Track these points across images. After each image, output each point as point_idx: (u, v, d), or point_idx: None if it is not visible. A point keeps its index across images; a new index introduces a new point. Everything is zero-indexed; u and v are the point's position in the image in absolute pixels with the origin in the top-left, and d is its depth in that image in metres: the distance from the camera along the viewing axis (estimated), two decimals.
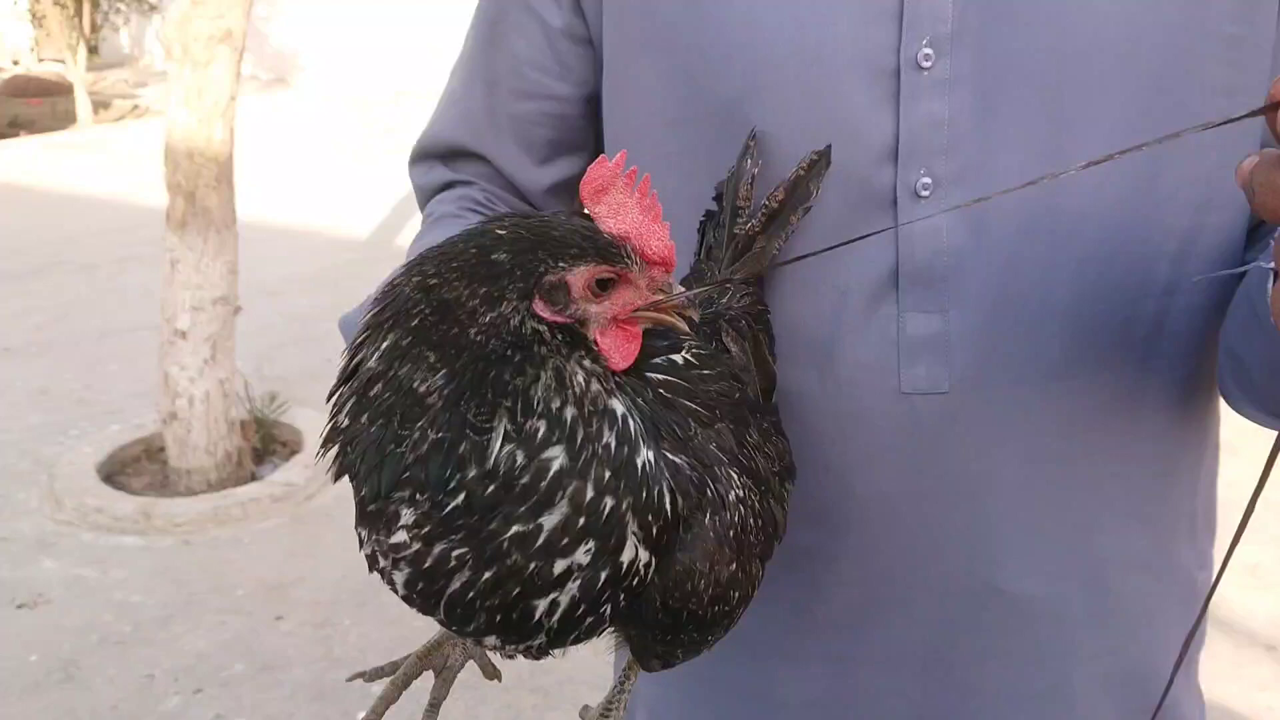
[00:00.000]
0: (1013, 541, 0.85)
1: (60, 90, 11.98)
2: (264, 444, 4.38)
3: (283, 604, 3.40)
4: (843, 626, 0.89)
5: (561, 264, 0.59)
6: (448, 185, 1.01)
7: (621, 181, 0.63)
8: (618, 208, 0.62)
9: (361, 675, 0.81)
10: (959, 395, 0.81)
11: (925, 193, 0.79)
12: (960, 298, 0.80)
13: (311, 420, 4.41)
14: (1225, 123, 0.44)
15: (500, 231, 0.60)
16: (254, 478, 4.15)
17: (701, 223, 0.87)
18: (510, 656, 0.74)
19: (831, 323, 0.82)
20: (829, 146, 0.79)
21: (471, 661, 0.83)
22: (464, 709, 2.88)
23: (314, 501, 4.00)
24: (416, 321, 0.58)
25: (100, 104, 12.31)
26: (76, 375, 5.22)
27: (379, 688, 0.80)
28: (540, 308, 0.59)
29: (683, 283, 0.84)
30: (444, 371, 0.57)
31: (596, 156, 0.96)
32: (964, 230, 0.79)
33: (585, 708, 0.76)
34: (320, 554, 3.68)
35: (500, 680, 0.83)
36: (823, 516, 0.87)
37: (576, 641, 0.63)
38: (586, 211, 0.63)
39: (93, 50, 13.67)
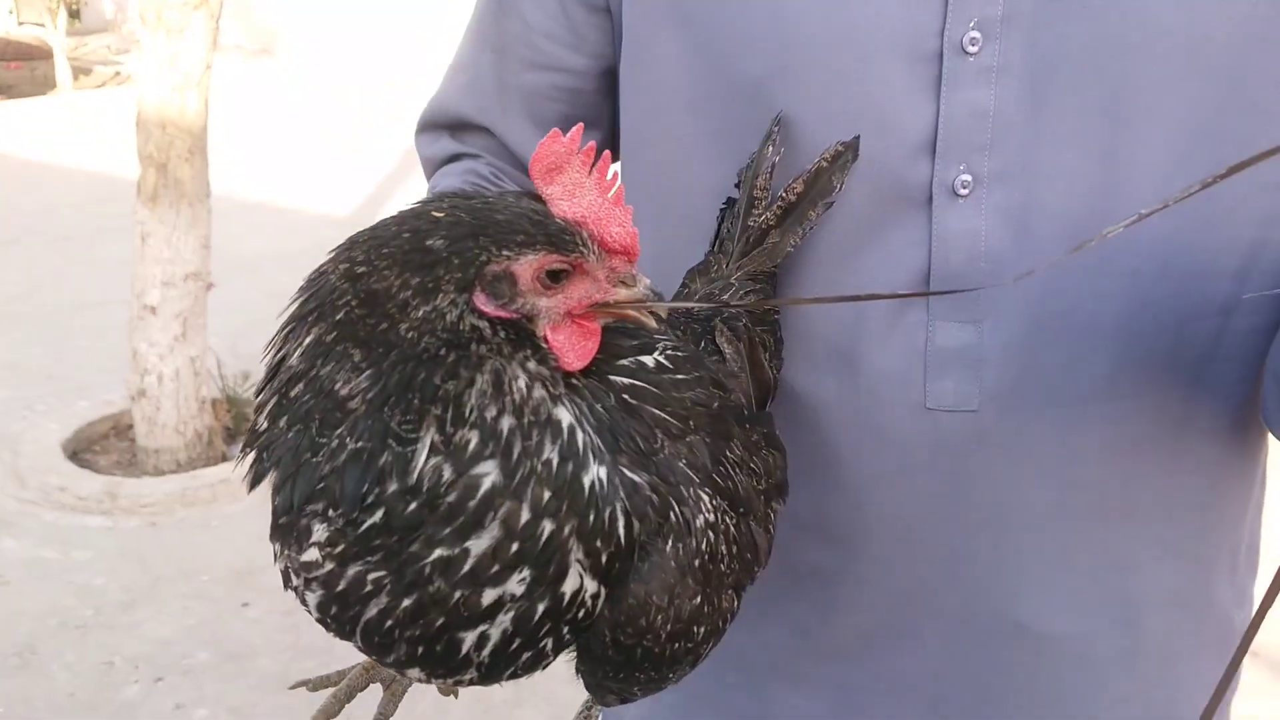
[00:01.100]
0: (1039, 574, 0.80)
1: (40, 55, 11.80)
2: (236, 423, 4.28)
3: (250, 590, 3.31)
4: (848, 653, 0.85)
5: (506, 252, 0.52)
6: (454, 157, 0.95)
7: (578, 159, 0.56)
8: (573, 188, 0.55)
9: (305, 684, 0.76)
10: (989, 414, 0.75)
11: (964, 190, 0.73)
12: (997, 308, 0.74)
13: None
14: (1264, 158, 0.38)
15: (437, 214, 0.53)
16: (225, 458, 4.06)
17: (722, 210, 0.81)
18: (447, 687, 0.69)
19: (853, 329, 0.76)
20: (857, 138, 0.73)
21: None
22: (432, 703, 2.81)
23: None
24: (342, 315, 0.52)
25: (81, 70, 12.13)
26: (46, 349, 5.11)
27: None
28: (481, 301, 0.52)
29: (688, 275, 0.78)
30: (369, 372, 0.51)
31: (613, 128, 0.91)
32: (1005, 234, 0.73)
33: None
34: None
35: (457, 697, 0.78)
36: (833, 535, 0.82)
37: (515, 676, 0.58)
38: (538, 193, 0.56)
39: (74, 15, 13.48)
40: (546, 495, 0.51)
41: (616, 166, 0.92)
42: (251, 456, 0.55)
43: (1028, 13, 0.70)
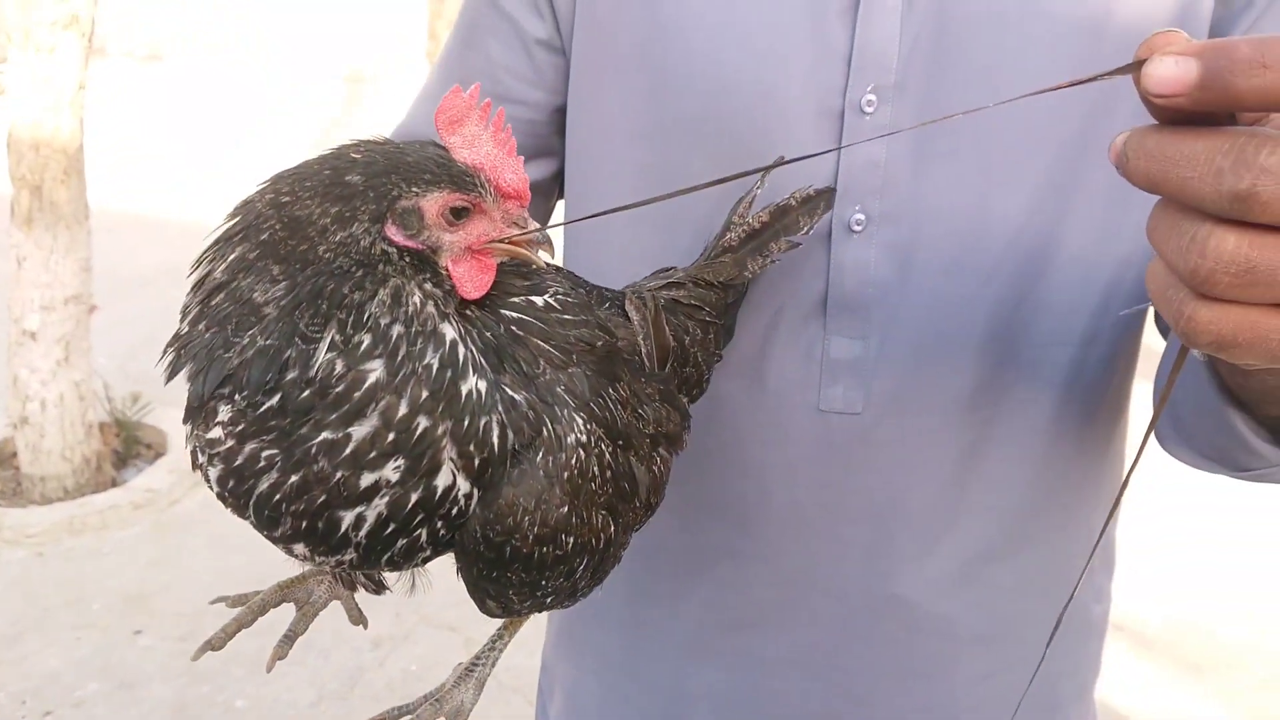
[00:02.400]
0: (912, 559, 0.89)
1: None
2: (126, 447, 4.20)
3: (142, 617, 3.27)
4: (750, 626, 0.93)
5: (415, 189, 0.59)
6: None
7: (476, 114, 0.62)
8: (472, 139, 0.62)
9: (224, 600, 0.81)
10: (872, 417, 0.86)
11: (858, 228, 0.83)
12: (882, 326, 0.84)
13: (177, 421, 4.24)
14: (1085, 81, 0.45)
15: (355, 155, 0.60)
16: (115, 483, 3.99)
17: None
18: (349, 584, 0.77)
19: (764, 338, 0.87)
20: (831, 189, 0.83)
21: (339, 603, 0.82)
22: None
23: (178, 507, 3.87)
24: (266, 236, 0.58)
25: None
26: None
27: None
28: (392, 232, 0.59)
29: (651, 278, 0.85)
30: (285, 284, 0.57)
31: (563, 162, 0.99)
32: (891, 265, 0.83)
33: (459, 665, 0.77)
34: (184, 562, 3.55)
35: (366, 627, 0.84)
36: (740, 519, 0.91)
37: (395, 565, 0.63)
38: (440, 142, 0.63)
39: None
40: (424, 395, 0.57)
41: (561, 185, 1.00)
42: (171, 355, 0.60)
43: (917, 81, 0.81)
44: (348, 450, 0.57)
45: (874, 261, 0.83)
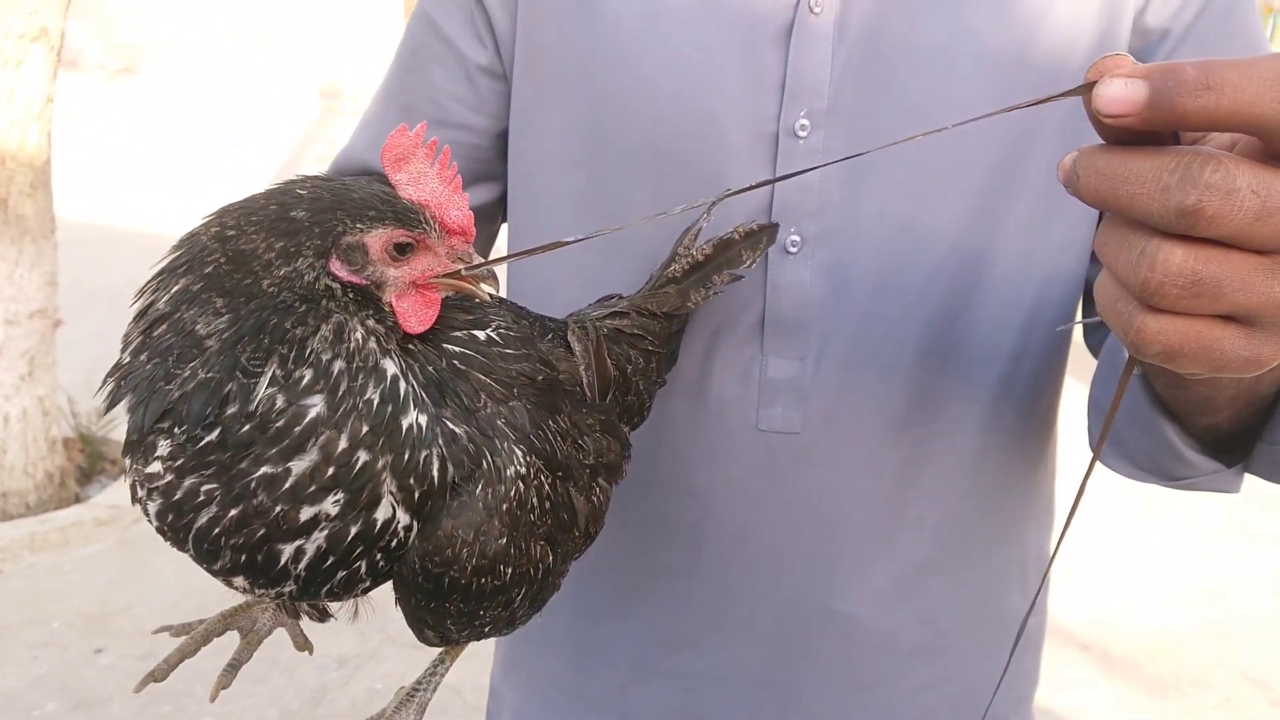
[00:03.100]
0: (850, 574, 0.90)
1: None
2: (91, 463, 4.16)
3: (103, 635, 3.23)
4: (692, 644, 0.94)
5: (359, 225, 0.60)
6: None
7: (422, 152, 0.63)
8: (418, 176, 0.62)
9: (168, 629, 0.81)
10: (809, 436, 0.87)
11: (794, 249, 0.85)
12: (818, 347, 0.86)
13: None
14: (1040, 102, 0.47)
15: (301, 191, 0.61)
16: (79, 499, 3.94)
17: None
18: (293, 612, 0.77)
19: (703, 359, 0.88)
20: (775, 226, 0.84)
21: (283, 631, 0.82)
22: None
23: (142, 524, 3.82)
24: (210, 269, 0.58)
25: None
26: None
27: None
28: (336, 267, 0.59)
29: (595, 306, 0.86)
30: (228, 316, 0.57)
31: (506, 186, 0.99)
32: (827, 286, 0.85)
33: (401, 689, 0.76)
34: (147, 580, 3.51)
35: (311, 653, 0.83)
36: (682, 538, 0.92)
37: (335, 596, 0.64)
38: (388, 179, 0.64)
39: None
40: (364, 429, 0.58)
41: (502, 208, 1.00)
42: (111, 385, 0.60)
43: (849, 107, 0.82)
44: (287, 484, 0.57)
45: (810, 282, 0.85)
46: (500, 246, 1.02)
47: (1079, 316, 0.92)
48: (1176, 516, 3.95)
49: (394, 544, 0.61)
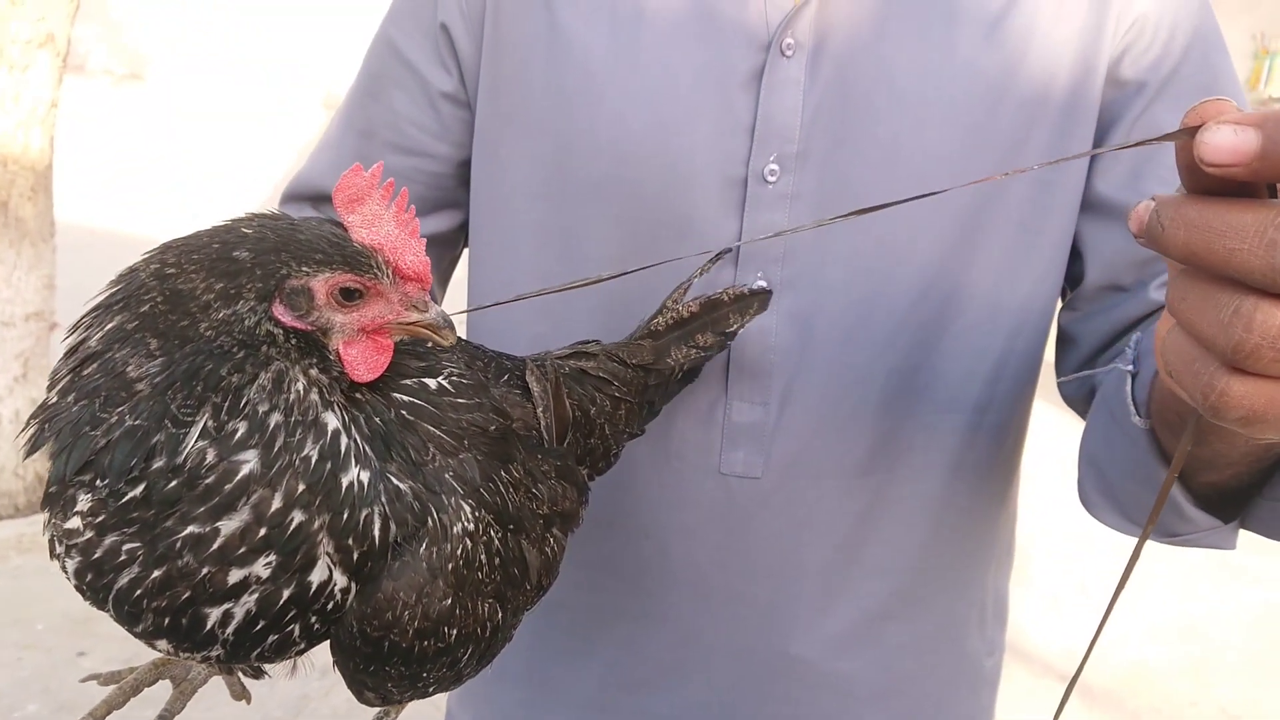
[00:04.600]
0: (808, 619, 0.90)
1: None
2: None
3: (87, 638, 3.23)
4: (650, 685, 0.93)
5: (305, 268, 0.56)
6: None
7: (378, 193, 0.59)
8: (372, 219, 0.59)
9: (95, 678, 0.78)
10: (771, 481, 0.86)
11: None
12: (782, 392, 0.85)
13: None
14: (1132, 146, 0.43)
15: (246, 230, 0.57)
16: None
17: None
18: (226, 672, 0.72)
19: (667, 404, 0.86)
20: (770, 293, 0.83)
21: (220, 678, 0.78)
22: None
23: None
24: (146, 308, 0.55)
25: None
26: None
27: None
28: (279, 312, 0.56)
29: (566, 348, 0.83)
30: (161, 360, 0.54)
31: (467, 214, 0.97)
32: (792, 332, 0.84)
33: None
34: None
35: (250, 702, 0.80)
36: (640, 579, 0.91)
37: (266, 659, 0.60)
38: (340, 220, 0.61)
39: None
40: (300, 488, 0.54)
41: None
42: (34, 427, 0.56)
43: (819, 152, 0.82)
44: (215, 545, 0.53)
45: (775, 328, 0.84)
46: (460, 276, 0.99)
47: (1055, 365, 0.92)
48: (1159, 552, 3.97)
49: (330, 607, 0.57)
